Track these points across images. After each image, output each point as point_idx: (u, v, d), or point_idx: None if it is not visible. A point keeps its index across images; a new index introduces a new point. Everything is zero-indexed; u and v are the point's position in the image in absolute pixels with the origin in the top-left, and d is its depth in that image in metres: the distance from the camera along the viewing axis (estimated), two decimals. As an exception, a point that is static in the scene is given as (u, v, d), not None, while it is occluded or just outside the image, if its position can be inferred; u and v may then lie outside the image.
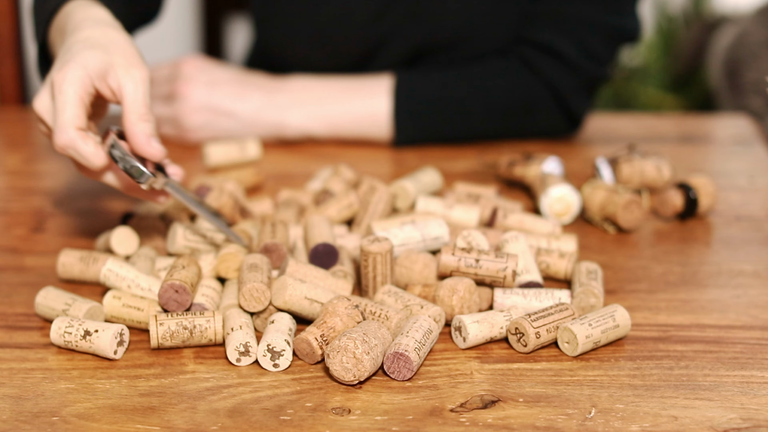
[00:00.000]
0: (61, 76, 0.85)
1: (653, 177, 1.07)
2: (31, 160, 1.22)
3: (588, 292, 0.82)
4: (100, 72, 0.87)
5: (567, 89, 1.23)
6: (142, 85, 0.87)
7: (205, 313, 0.77)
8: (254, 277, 0.79)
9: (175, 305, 0.79)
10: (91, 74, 0.86)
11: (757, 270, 0.91)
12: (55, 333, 0.76)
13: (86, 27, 0.91)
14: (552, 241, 0.91)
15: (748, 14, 2.37)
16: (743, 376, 0.74)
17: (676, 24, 2.75)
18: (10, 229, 1.00)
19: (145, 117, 0.86)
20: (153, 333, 0.76)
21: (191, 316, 0.76)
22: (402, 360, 0.72)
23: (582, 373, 0.74)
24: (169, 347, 0.76)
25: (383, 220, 0.90)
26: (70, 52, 0.88)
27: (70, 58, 0.87)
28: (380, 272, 0.82)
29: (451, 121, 1.23)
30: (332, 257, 0.85)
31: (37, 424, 0.67)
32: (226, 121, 1.22)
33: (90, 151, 0.84)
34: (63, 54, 0.89)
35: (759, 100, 2.21)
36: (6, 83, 1.53)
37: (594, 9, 1.21)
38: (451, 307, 0.79)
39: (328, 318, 0.76)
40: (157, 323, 0.76)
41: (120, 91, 0.87)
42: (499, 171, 1.12)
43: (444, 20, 1.24)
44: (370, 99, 1.22)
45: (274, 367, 0.74)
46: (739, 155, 1.24)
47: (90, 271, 0.86)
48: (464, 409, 0.69)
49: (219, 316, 0.77)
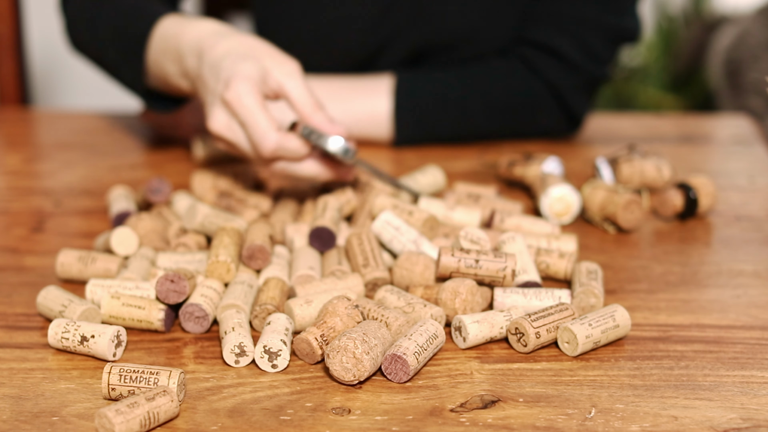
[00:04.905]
0: (233, 93, 0.91)
1: (653, 177, 1.07)
2: (31, 160, 1.22)
3: (588, 292, 0.82)
4: (260, 78, 0.93)
5: (567, 89, 1.23)
6: (300, 78, 0.94)
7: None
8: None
9: (174, 296, 0.79)
10: (257, 82, 0.92)
11: (757, 270, 0.91)
12: (53, 338, 0.76)
13: (215, 42, 0.97)
14: (552, 241, 0.91)
15: (748, 14, 2.37)
16: (743, 376, 0.74)
17: (676, 24, 2.75)
18: (10, 229, 1.00)
19: (317, 105, 0.93)
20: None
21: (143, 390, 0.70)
22: (399, 363, 0.72)
23: (582, 373, 0.74)
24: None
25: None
26: (223, 69, 0.93)
27: (230, 75, 0.92)
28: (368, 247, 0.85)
29: (451, 121, 1.23)
30: (330, 241, 0.87)
31: (37, 424, 0.67)
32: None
33: (297, 144, 0.91)
34: (212, 74, 0.94)
35: (759, 100, 2.21)
36: (6, 83, 1.52)
37: (594, 9, 1.21)
38: (454, 309, 0.79)
39: (328, 318, 0.76)
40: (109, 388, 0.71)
41: (282, 90, 0.93)
42: (499, 171, 1.12)
43: (444, 23, 1.24)
44: (370, 99, 1.22)
45: (273, 368, 0.74)
46: (739, 155, 1.24)
47: (88, 270, 0.86)
48: (464, 409, 0.69)
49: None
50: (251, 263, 0.84)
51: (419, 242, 0.87)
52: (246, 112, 0.91)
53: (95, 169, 1.16)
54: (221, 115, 0.93)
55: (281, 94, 0.94)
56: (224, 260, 0.83)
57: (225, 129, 0.93)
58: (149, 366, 0.70)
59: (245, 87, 0.91)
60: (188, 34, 0.99)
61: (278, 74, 0.93)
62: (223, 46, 0.96)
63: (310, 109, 0.93)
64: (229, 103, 0.91)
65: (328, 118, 0.93)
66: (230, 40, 0.96)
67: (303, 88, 0.93)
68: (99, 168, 1.17)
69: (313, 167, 0.94)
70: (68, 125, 1.32)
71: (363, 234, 0.87)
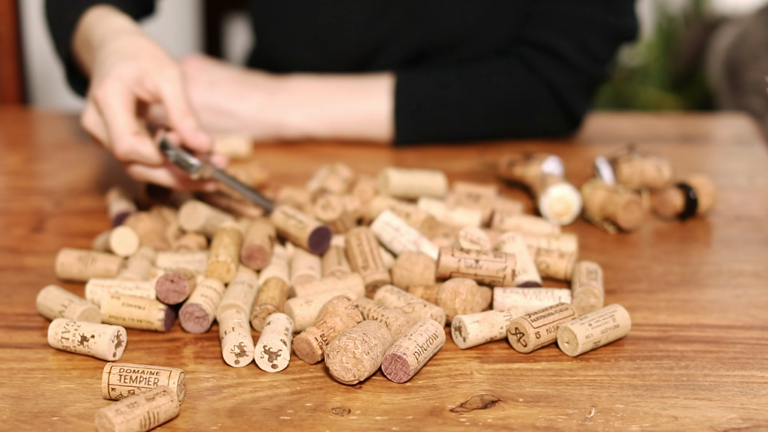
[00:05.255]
0: (102, 92, 0.92)
1: (653, 177, 1.07)
2: (31, 160, 1.22)
3: (588, 292, 0.82)
4: (136, 79, 0.93)
5: (567, 89, 1.22)
6: (178, 82, 0.94)
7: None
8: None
9: (174, 296, 0.79)
10: (128, 84, 0.92)
11: (757, 270, 0.91)
12: (53, 338, 0.76)
13: (112, 40, 0.98)
14: (552, 241, 0.91)
15: (748, 14, 2.37)
16: (743, 376, 0.74)
17: (676, 24, 2.75)
18: (10, 229, 1.00)
19: (188, 112, 0.93)
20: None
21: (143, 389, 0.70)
22: (399, 363, 0.72)
23: (582, 373, 0.74)
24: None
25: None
26: (104, 67, 0.94)
27: (106, 73, 0.93)
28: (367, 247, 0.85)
29: (451, 121, 1.23)
30: (326, 240, 0.87)
31: (37, 424, 0.67)
32: (226, 121, 1.22)
33: (150, 151, 0.91)
34: (98, 70, 0.95)
35: (759, 100, 2.21)
36: (6, 83, 1.53)
37: (593, 8, 1.21)
38: (454, 310, 0.79)
39: (328, 318, 0.76)
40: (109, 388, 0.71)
41: (158, 93, 0.93)
42: (499, 171, 1.12)
43: (442, 23, 1.23)
44: (370, 99, 1.22)
45: (273, 368, 0.74)
46: (739, 155, 1.24)
47: (88, 271, 0.86)
48: (464, 409, 0.69)
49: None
50: (250, 263, 0.84)
51: (419, 243, 0.87)
52: (109, 111, 0.92)
53: (95, 169, 1.16)
54: (91, 112, 0.95)
55: (158, 96, 0.94)
56: (224, 260, 0.83)
57: (93, 125, 0.95)
58: (149, 366, 0.70)
59: (114, 87, 0.92)
60: (99, 28, 1.01)
61: (156, 77, 0.93)
62: (114, 44, 0.97)
63: (179, 114, 0.92)
64: (97, 100, 0.93)
65: (196, 126, 0.92)
66: (123, 39, 0.97)
67: (178, 92, 0.93)
68: (99, 168, 1.17)
69: (164, 176, 0.94)
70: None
71: (362, 234, 0.87)
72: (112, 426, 0.65)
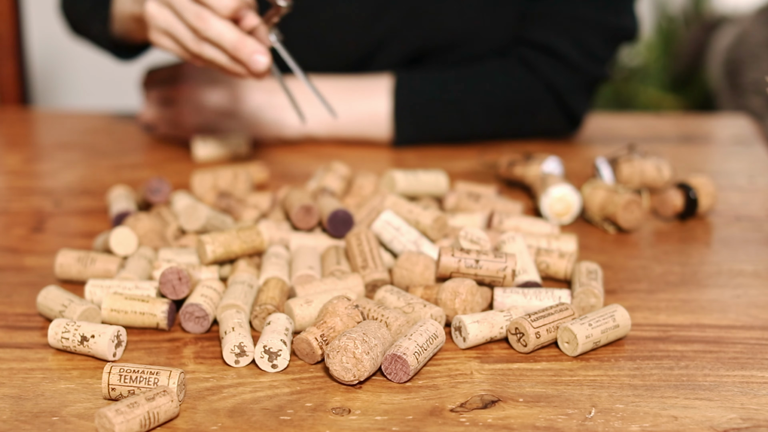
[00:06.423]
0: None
1: (653, 177, 1.07)
2: (31, 160, 1.22)
3: (588, 292, 0.82)
4: None
5: (566, 89, 1.23)
6: None
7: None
8: None
9: (178, 288, 0.80)
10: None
11: (757, 270, 0.91)
12: (53, 338, 0.76)
13: None
14: (552, 241, 0.91)
15: (748, 14, 2.37)
16: (743, 376, 0.74)
17: (676, 24, 2.75)
18: (10, 229, 1.00)
19: None
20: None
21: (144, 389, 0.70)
22: (399, 363, 0.72)
23: (582, 373, 0.74)
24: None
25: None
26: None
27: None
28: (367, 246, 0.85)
29: (451, 121, 1.23)
30: (348, 225, 0.89)
31: (37, 424, 0.67)
32: (226, 121, 1.22)
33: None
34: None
35: (759, 100, 2.21)
36: (6, 83, 1.53)
37: (592, 8, 1.21)
38: (454, 310, 0.79)
39: (328, 318, 0.76)
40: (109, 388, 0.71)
41: None
42: (499, 171, 1.12)
43: (441, 23, 1.24)
44: (369, 99, 1.22)
45: (273, 368, 0.74)
46: (739, 155, 1.24)
47: (88, 271, 0.86)
48: (464, 409, 0.69)
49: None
50: (302, 222, 0.90)
51: (419, 243, 0.87)
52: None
53: (95, 169, 1.16)
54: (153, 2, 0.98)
55: None
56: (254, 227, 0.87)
57: (160, 15, 0.97)
58: (149, 366, 0.70)
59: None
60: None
61: None
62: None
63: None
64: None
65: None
66: None
67: None
68: (99, 168, 1.17)
69: (224, 28, 0.95)
70: (68, 125, 1.32)
71: (362, 234, 0.87)
72: (112, 426, 0.65)
